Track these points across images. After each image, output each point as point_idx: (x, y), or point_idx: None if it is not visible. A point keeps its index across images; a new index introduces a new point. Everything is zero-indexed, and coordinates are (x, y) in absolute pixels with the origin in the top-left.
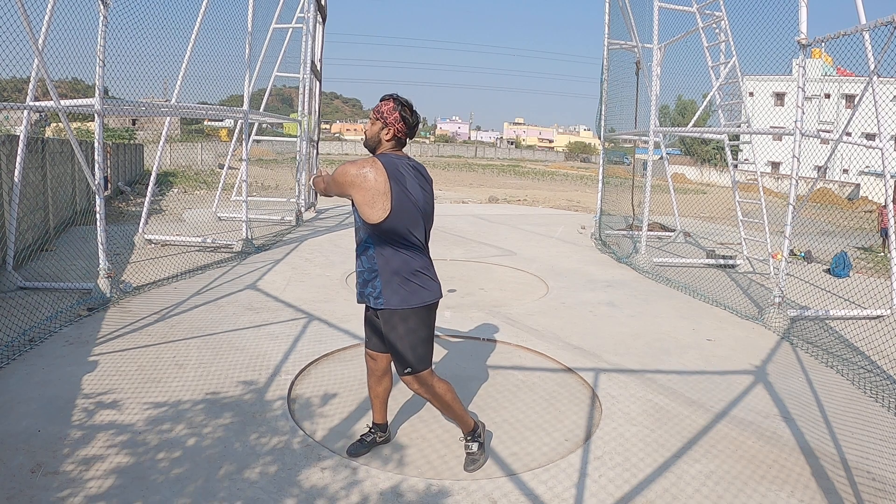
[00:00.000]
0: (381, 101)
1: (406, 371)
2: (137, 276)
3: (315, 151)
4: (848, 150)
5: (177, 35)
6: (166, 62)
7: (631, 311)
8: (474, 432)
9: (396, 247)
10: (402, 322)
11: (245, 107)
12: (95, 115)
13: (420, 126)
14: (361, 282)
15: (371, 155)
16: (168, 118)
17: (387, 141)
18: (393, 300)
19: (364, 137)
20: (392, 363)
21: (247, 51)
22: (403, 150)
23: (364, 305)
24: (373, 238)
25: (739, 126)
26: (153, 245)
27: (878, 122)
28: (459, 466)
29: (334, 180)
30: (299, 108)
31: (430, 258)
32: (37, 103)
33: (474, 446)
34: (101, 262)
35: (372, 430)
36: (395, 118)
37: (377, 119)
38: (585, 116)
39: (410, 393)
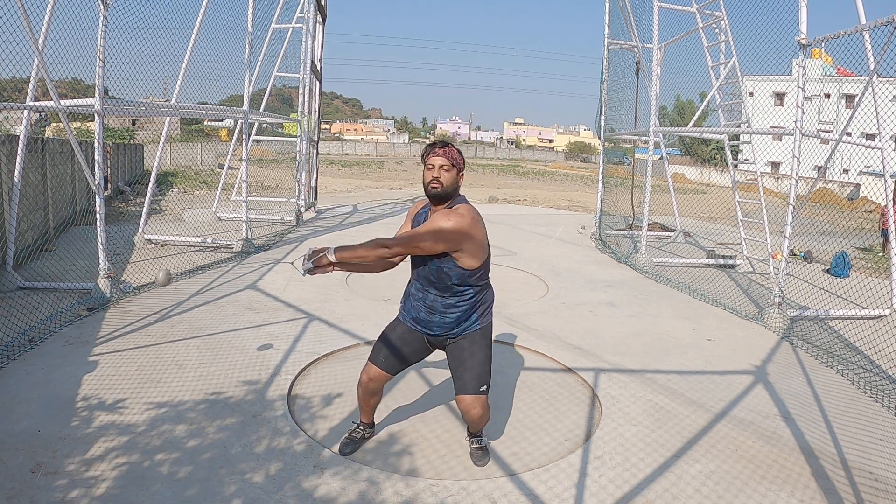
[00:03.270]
0: (440, 148)
1: (483, 389)
2: (137, 276)
3: (315, 151)
4: (848, 150)
5: (177, 35)
6: (166, 62)
7: (631, 311)
8: (481, 432)
9: (486, 278)
10: (484, 339)
11: (245, 107)
12: (95, 115)
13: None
14: (451, 322)
15: (437, 201)
16: (168, 118)
17: (459, 184)
18: (484, 321)
19: (441, 186)
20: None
21: (247, 51)
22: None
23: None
24: (466, 280)
25: (739, 126)
26: (153, 245)
27: (878, 122)
28: (460, 466)
29: (446, 236)
30: (299, 108)
31: None
32: (37, 103)
33: (484, 440)
34: (101, 262)
35: (361, 427)
36: (463, 161)
37: (452, 166)
38: (585, 116)
39: (409, 394)
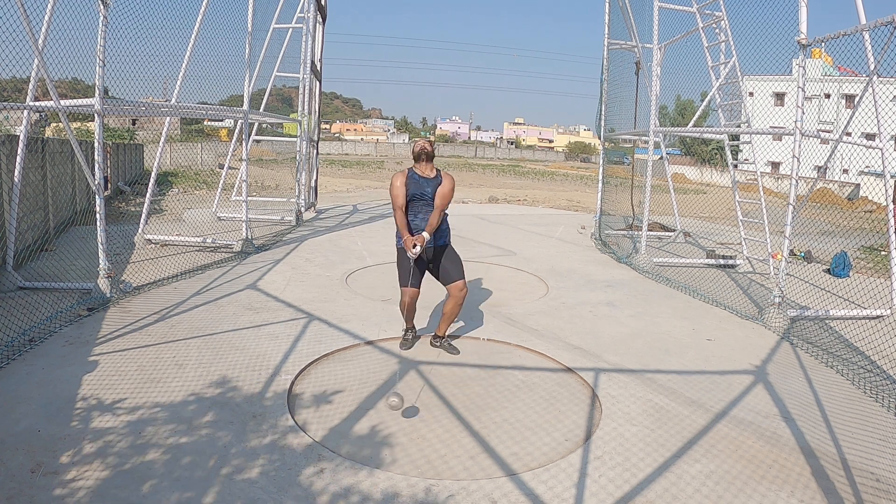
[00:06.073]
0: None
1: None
2: (137, 276)
3: (315, 151)
4: (848, 150)
5: (177, 35)
6: (166, 62)
7: (631, 311)
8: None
9: None
10: (453, 249)
11: (245, 107)
12: (95, 115)
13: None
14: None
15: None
16: (168, 118)
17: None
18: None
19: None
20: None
21: (247, 51)
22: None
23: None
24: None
25: (739, 126)
26: (153, 245)
27: (878, 122)
28: (460, 466)
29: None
30: (299, 108)
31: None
32: (37, 103)
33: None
34: (101, 262)
35: (410, 332)
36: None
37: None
38: (585, 116)
39: (409, 393)
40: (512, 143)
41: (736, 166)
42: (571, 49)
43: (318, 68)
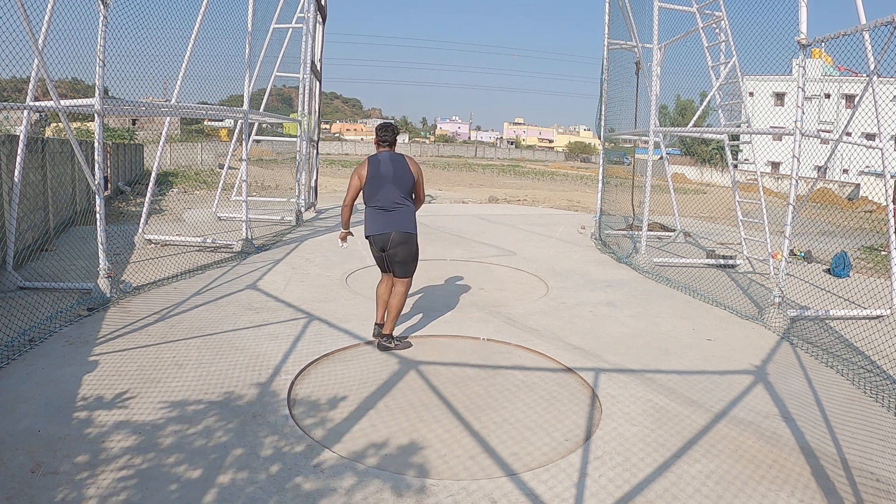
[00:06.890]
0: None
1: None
2: (137, 276)
3: (315, 151)
4: (848, 150)
5: (177, 35)
6: (166, 62)
7: (631, 311)
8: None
9: (366, 200)
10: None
11: (245, 107)
12: (95, 115)
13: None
14: None
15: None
16: (168, 118)
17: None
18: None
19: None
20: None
21: (247, 51)
22: (392, 148)
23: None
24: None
25: (739, 126)
26: (153, 245)
27: (878, 122)
28: (460, 466)
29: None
30: (299, 108)
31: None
32: (37, 103)
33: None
34: (101, 262)
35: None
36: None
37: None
38: (585, 116)
39: (409, 393)
40: (512, 143)
41: (736, 166)
42: (571, 49)
43: (318, 68)
